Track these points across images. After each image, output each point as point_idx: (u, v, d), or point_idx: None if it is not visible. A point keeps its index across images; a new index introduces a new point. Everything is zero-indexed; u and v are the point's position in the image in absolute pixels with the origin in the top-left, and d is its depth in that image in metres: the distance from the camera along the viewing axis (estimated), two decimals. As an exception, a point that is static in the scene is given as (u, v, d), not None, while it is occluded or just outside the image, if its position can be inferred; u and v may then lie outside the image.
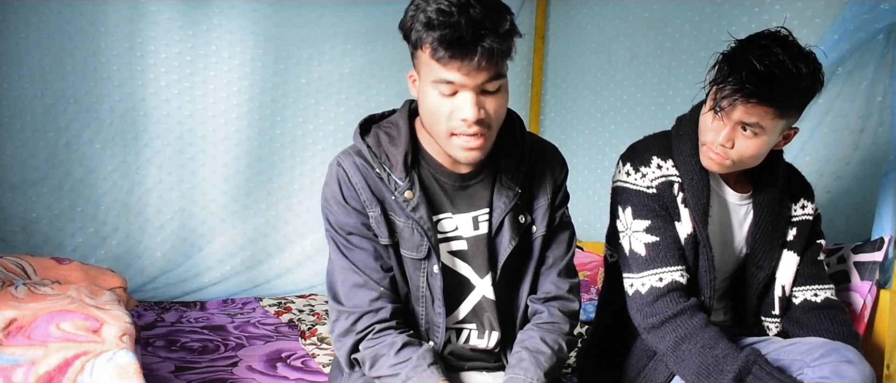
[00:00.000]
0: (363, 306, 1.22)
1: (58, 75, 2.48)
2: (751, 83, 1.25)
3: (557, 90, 3.22)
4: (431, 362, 1.18)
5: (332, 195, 1.25)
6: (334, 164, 1.27)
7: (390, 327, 1.22)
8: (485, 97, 1.13)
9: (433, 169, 1.26)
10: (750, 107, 1.28)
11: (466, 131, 1.13)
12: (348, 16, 2.90)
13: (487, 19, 1.06)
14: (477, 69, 1.08)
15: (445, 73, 1.09)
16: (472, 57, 1.06)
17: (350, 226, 1.24)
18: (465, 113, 1.11)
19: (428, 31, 1.07)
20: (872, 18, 1.83)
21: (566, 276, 1.34)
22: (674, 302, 1.37)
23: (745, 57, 1.27)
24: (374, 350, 1.20)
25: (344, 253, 1.25)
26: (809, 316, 1.49)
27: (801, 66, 1.25)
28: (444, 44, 1.06)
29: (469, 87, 1.10)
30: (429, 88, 1.13)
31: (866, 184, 1.92)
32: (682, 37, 2.54)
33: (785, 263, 1.52)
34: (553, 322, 1.30)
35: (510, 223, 1.27)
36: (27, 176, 2.48)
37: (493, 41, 1.06)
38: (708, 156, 1.39)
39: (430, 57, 1.09)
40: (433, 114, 1.15)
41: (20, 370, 1.28)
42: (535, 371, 1.21)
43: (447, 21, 1.05)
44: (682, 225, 1.43)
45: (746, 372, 1.26)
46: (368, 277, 1.23)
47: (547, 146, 1.37)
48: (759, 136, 1.32)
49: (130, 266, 2.64)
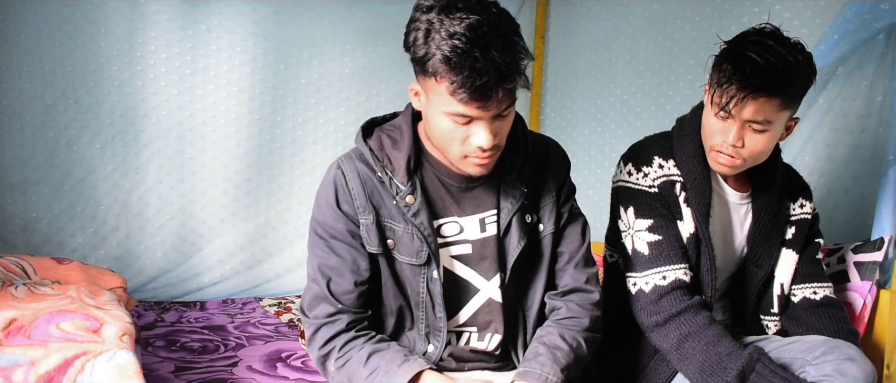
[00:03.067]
0: (321, 318, 1.24)
1: (58, 75, 2.48)
2: (756, 78, 1.26)
3: (557, 90, 3.22)
4: (402, 361, 1.17)
5: (325, 197, 1.25)
6: (334, 167, 1.26)
7: (352, 339, 1.22)
8: (497, 122, 1.12)
9: (438, 171, 1.26)
10: (758, 103, 1.29)
11: (481, 155, 1.13)
12: (348, 16, 2.90)
13: (508, 59, 1.03)
14: (494, 108, 1.08)
15: (462, 109, 1.07)
16: (493, 99, 1.05)
17: (335, 231, 1.24)
18: (480, 141, 1.11)
19: (447, 71, 1.03)
20: (872, 18, 1.83)
21: (584, 267, 1.33)
22: (678, 300, 1.37)
23: (745, 54, 1.28)
24: (346, 369, 1.20)
25: (319, 258, 1.25)
26: (809, 315, 1.49)
27: (796, 55, 1.28)
28: (466, 88, 1.03)
29: (484, 118, 1.09)
30: (440, 114, 1.11)
31: (866, 184, 1.92)
32: (682, 37, 2.54)
33: (784, 261, 1.52)
34: (572, 317, 1.29)
35: (518, 223, 1.27)
36: (27, 176, 2.48)
37: (515, 81, 1.05)
38: (718, 161, 1.39)
39: (448, 92, 1.06)
40: (445, 138, 1.14)
41: (20, 370, 1.28)
42: (551, 365, 1.19)
43: (471, 65, 1.01)
44: (684, 224, 1.43)
45: (750, 370, 1.26)
46: (330, 292, 1.23)
47: (548, 142, 1.37)
48: (767, 131, 1.33)
49: (130, 266, 2.64)
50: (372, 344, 1.21)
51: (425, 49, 1.05)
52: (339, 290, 1.24)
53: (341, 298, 1.23)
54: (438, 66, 1.04)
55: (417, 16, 1.07)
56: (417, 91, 1.17)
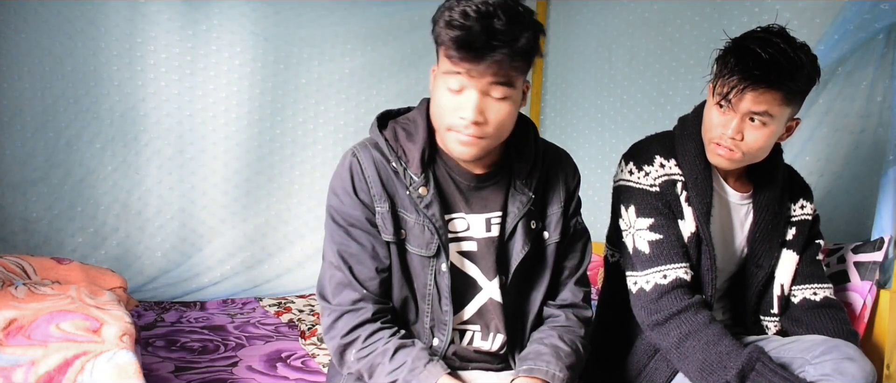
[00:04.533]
0: (345, 305, 1.23)
1: (58, 75, 2.48)
2: (758, 69, 1.28)
3: (557, 90, 3.22)
4: (427, 361, 1.18)
5: (341, 185, 1.25)
6: (349, 154, 1.27)
7: (377, 330, 1.22)
8: (489, 101, 1.14)
9: (449, 167, 1.27)
10: (758, 94, 1.30)
11: (462, 129, 1.15)
12: (348, 16, 2.90)
13: (505, 33, 1.08)
14: (482, 73, 1.11)
15: (452, 66, 1.12)
16: (479, 63, 1.09)
17: (353, 219, 1.24)
18: (465, 111, 1.13)
19: (446, 30, 1.10)
20: (872, 18, 1.83)
21: (580, 286, 1.36)
22: (678, 298, 1.38)
23: (749, 47, 1.30)
24: (368, 360, 1.20)
25: (339, 245, 1.25)
26: (808, 315, 1.49)
27: (800, 54, 1.30)
28: (456, 44, 1.09)
29: (475, 87, 1.12)
30: (440, 82, 1.16)
31: (866, 185, 1.92)
32: (682, 37, 2.55)
33: (784, 262, 1.52)
34: (569, 325, 1.31)
35: (523, 228, 1.28)
36: (27, 176, 2.48)
37: (504, 53, 1.09)
38: (717, 153, 1.39)
39: (444, 52, 1.13)
40: (439, 106, 1.17)
41: (20, 370, 1.28)
42: (556, 363, 1.21)
43: (464, 24, 1.08)
44: (685, 223, 1.44)
45: (750, 369, 1.26)
46: (354, 278, 1.23)
47: (560, 152, 1.39)
48: (767, 126, 1.34)
49: (130, 266, 2.64)
50: (398, 339, 1.22)
51: (438, 18, 1.13)
52: (362, 276, 1.24)
53: (365, 284, 1.24)
54: (441, 30, 1.11)
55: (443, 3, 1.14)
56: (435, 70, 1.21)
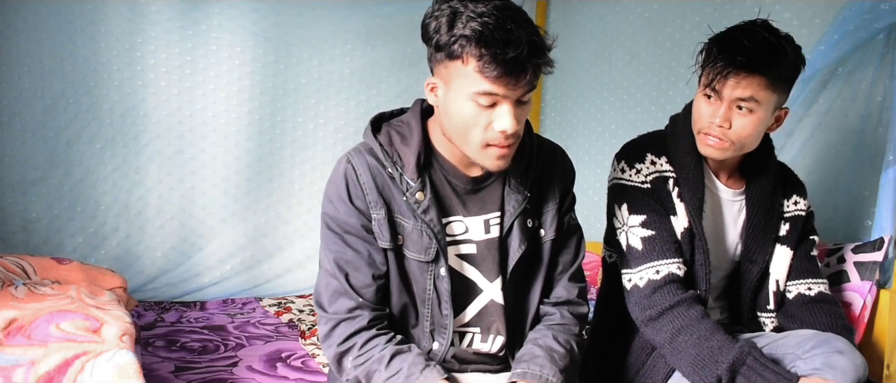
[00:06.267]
0: (341, 313, 1.22)
1: (58, 75, 2.48)
2: (742, 56, 1.31)
3: (557, 90, 3.22)
4: (424, 366, 1.17)
5: (336, 192, 1.23)
6: (343, 161, 1.25)
7: (373, 337, 1.21)
8: (519, 108, 1.12)
9: (445, 171, 1.26)
10: (742, 78, 1.32)
11: (503, 143, 1.13)
12: (348, 16, 2.90)
13: (536, 37, 1.05)
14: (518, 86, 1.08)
15: (489, 87, 1.07)
16: (523, 76, 1.06)
17: (349, 226, 1.23)
18: (504, 124, 1.10)
19: (478, 47, 1.04)
20: (872, 18, 1.83)
21: (575, 281, 1.35)
22: (671, 293, 1.38)
23: (733, 36, 1.34)
24: (365, 367, 1.19)
25: (335, 252, 1.24)
26: (803, 310, 1.50)
27: (783, 43, 1.33)
28: (498, 61, 1.03)
29: (510, 99, 1.10)
30: (463, 100, 1.11)
31: (866, 185, 1.92)
32: (682, 37, 2.54)
33: (778, 257, 1.53)
34: (564, 323, 1.30)
35: (520, 227, 1.27)
36: (27, 176, 2.48)
37: (543, 59, 1.07)
38: (706, 143, 1.41)
39: (476, 70, 1.06)
40: (468, 125, 1.13)
41: (20, 370, 1.29)
42: (550, 367, 1.20)
43: (503, 38, 1.02)
44: (677, 219, 1.45)
45: (740, 364, 1.27)
46: (350, 286, 1.22)
47: (555, 148, 1.37)
48: (754, 113, 1.36)
49: (130, 266, 2.64)
50: (394, 346, 1.21)
51: (451, 33, 1.06)
52: (357, 284, 1.23)
53: (361, 292, 1.23)
54: (466, 45, 1.05)
55: (438, 6, 1.09)
56: (434, 85, 1.17)
